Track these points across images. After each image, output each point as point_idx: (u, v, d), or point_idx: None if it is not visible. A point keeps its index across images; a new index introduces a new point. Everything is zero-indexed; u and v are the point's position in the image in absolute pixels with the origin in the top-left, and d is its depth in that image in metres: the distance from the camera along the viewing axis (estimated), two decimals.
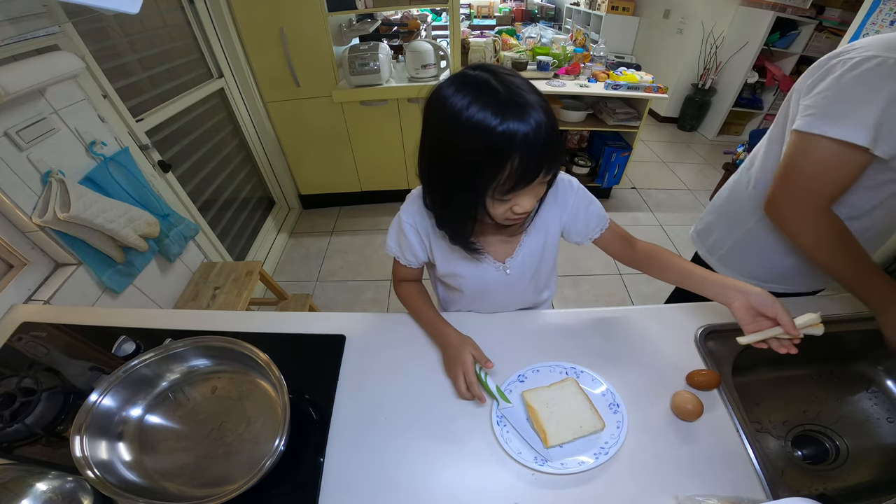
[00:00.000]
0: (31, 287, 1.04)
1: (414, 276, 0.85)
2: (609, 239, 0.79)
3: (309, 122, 2.30)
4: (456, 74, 0.55)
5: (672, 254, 0.77)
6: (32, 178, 1.00)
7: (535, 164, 0.52)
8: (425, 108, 0.57)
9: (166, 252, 1.36)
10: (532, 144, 0.50)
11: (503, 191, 0.54)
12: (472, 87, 0.51)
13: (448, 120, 0.52)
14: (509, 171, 0.51)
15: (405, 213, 0.74)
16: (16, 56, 0.98)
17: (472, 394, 0.69)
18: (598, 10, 4.42)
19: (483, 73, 0.53)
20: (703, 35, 3.47)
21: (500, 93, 0.50)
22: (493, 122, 0.49)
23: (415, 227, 0.73)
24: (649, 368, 0.77)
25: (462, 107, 0.50)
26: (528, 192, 0.57)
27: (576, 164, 2.68)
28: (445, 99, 0.52)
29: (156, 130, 1.55)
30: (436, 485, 0.62)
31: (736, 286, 0.65)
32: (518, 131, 0.49)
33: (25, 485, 0.63)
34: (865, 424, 0.84)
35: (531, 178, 0.53)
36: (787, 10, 3.01)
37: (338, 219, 2.72)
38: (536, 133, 0.49)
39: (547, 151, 0.52)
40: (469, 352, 0.71)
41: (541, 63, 2.40)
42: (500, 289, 0.80)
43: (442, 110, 0.53)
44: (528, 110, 0.50)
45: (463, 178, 0.55)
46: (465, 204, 0.59)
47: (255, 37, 1.98)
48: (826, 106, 0.65)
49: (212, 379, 0.74)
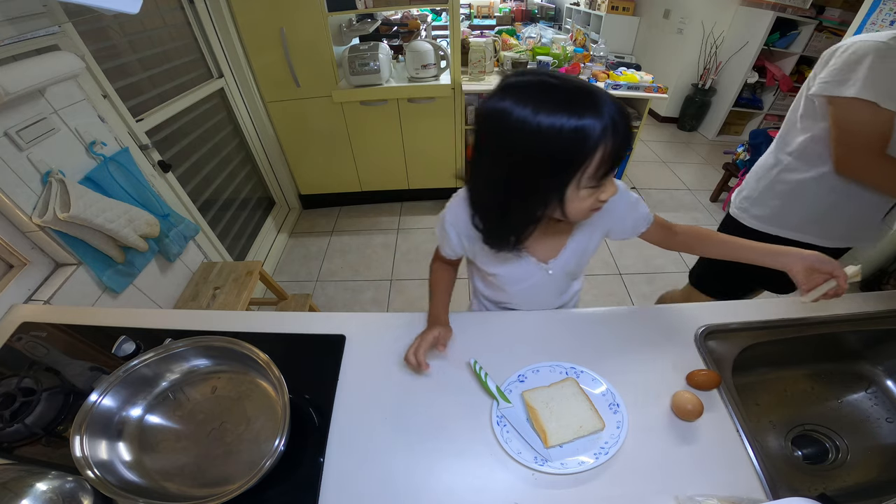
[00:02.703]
0: (31, 287, 1.04)
1: (450, 261, 0.88)
2: (652, 231, 0.81)
3: (309, 122, 2.30)
4: (504, 87, 0.54)
5: (715, 231, 0.81)
6: (32, 178, 1.00)
7: (624, 146, 0.53)
8: (484, 129, 0.57)
9: (166, 252, 1.36)
10: (617, 127, 0.51)
11: (598, 177, 0.55)
12: (533, 91, 0.51)
13: (522, 128, 0.51)
14: (601, 157, 0.52)
15: (449, 213, 0.76)
16: (16, 56, 0.98)
17: (416, 360, 0.72)
18: (598, 10, 4.42)
19: (531, 76, 0.53)
20: (703, 35, 3.47)
21: (564, 87, 0.51)
22: (576, 115, 0.50)
23: (456, 227, 0.75)
24: (649, 368, 0.77)
25: (534, 111, 0.50)
26: (612, 177, 0.58)
27: None
28: (508, 112, 0.52)
29: (156, 130, 1.55)
30: (436, 485, 0.62)
31: (791, 252, 0.71)
32: (604, 117, 0.50)
33: (25, 485, 0.63)
34: (865, 424, 0.84)
35: (620, 158, 0.55)
36: (787, 10, 3.01)
37: (338, 219, 2.72)
38: (618, 116, 0.51)
39: (629, 132, 0.54)
40: (435, 331, 0.76)
41: (541, 63, 2.40)
42: (539, 287, 0.83)
43: (509, 122, 0.52)
44: (598, 96, 0.51)
45: (546, 178, 0.55)
46: (536, 207, 0.59)
47: (255, 37, 1.98)
48: (833, 76, 0.86)
49: (212, 379, 0.74)
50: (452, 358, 0.79)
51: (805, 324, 0.85)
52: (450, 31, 2.06)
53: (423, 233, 2.55)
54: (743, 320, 0.85)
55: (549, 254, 0.77)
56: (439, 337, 0.76)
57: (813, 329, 0.85)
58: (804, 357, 0.89)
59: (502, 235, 0.66)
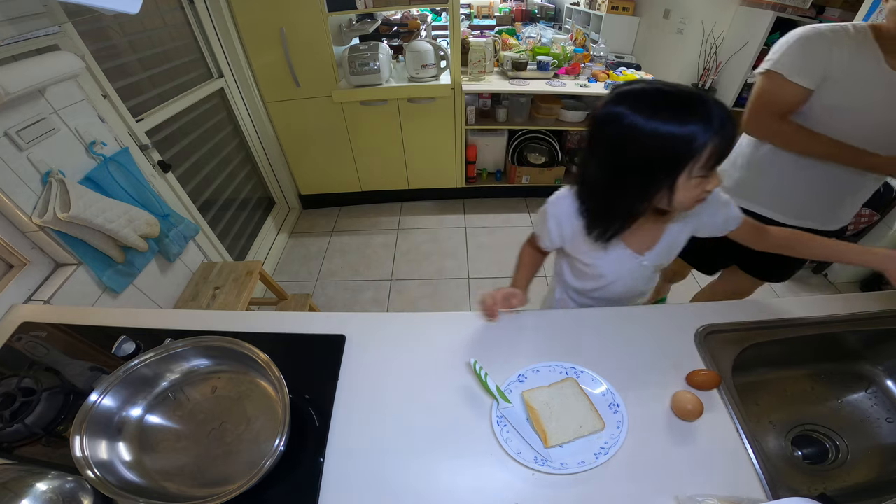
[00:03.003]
0: (31, 287, 1.04)
1: (542, 249, 0.94)
2: (742, 231, 0.84)
3: (309, 122, 2.30)
4: (620, 96, 0.62)
5: (812, 235, 0.84)
6: (32, 178, 1.00)
7: (732, 139, 0.60)
8: (601, 131, 0.66)
9: (166, 252, 1.36)
10: (724, 122, 0.58)
11: (708, 167, 0.61)
12: (650, 97, 0.60)
13: (642, 128, 0.59)
14: (711, 151, 0.59)
15: (552, 208, 0.81)
16: (16, 56, 0.98)
17: (491, 302, 0.83)
18: (598, 10, 4.42)
19: (644, 84, 0.62)
20: (703, 35, 3.47)
21: (676, 92, 0.59)
22: (692, 113, 0.58)
23: (558, 221, 0.81)
24: (649, 368, 0.76)
25: (653, 112, 0.59)
26: (717, 171, 0.64)
27: (576, 164, 2.68)
28: (623, 116, 0.60)
29: (156, 130, 1.55)
30: (436, 485, 0.62)
31: (882, 253, 0.76)
32: (713, 114, 0.57)
33: (25, 485, 0.63)
34: (865, 424, 0.84)
35: (728, 150, 0.61)
36: (787, 10, 3.01)
37: (338, 219, 2.72)
38: (724, 112, 0.58)
39: (736, 129, 0.60)
40: (506, 290, 0.86)
41: (541, 63, 2.40)
42: (632, 276, 0.87)
43: (627, 124, 0.60)
44: (707, 99, 0.59)
45: (660, 171, 0.62)
46: (645, 197, 0.66)
47: (255, 37, 1.98)
48: (769, 55, 0.98)
49: (212, 379, 0.74)
50: (452, 358, 0.79)
51: (805, 324, 0.85)
52: (450, 31, 2.06)
53: (423, 233, 2.55)
54: (743, 320, 0.85)
55: (644, 246, 0.81)
56: (514, 294, 0.84)
57: (813, 329, 0.85)
58: (804, 357, 0.89)
59: (608, 224, 0.73)
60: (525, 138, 2.57)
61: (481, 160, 2.72)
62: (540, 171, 2.63)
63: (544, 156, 2.63)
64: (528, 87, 2.29)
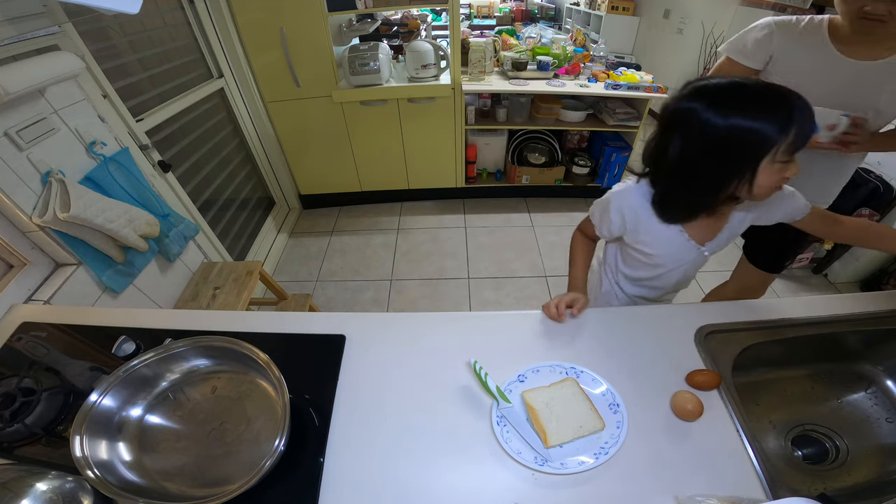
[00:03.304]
0: (31, 287, 1.04)
1: (591, 235, 0.98)
2: (809, 220, 0.85)
3: (309, 122, 2.30)
4: (697, 91, 0.65)
5: (883, 225, 0.87)
6: (32, 178, 1.00)
7: (812, 124, 0.62)
8: (677, 126, 0.68)
9: (166, 252, 1.36)
10: (803, 109, 0.61)
11: (790, 151, 0.63)
12: (725, 91, 0.63)
13: (724, 119, 0.62)
14: (795, 134, 0.61)
15: (617, 198, 0.84)
16: (16, 56, 0.98)
17: (557, 310, 0.84)
18: (598, 10, 4.42)
19: (718, 79, 0.65)
20: (703, 35, 3.47)
21: (752, 83, 0.63)
22: (773, 102, 0.61)
23: (621, 212, 0.84)
24: (649, 368, 0.76)
25: (735, 103, 0.62)
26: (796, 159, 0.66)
27: (576, 164, 2.68)
28: (697, 111, 0.64)
29: (156, 130, 1.55)
30: (436, 485, 0.62)
31: None
32: (792, 102, 0.60)
33: (25, 485, 0.63)
34: (865, 424, 0.84)
35: (807, 136, 0.62)
36: (786, 11, 3.01)
37: (338, 219, 2.72)
38: (800, 101, 0.61)
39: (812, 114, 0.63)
40: (575, 293, 0.87)
41: (541, 63, 2.40)
42: (689, 267, 0.91)
43: (708, 115, 0.63)
44: (781, 88, 0.62)
45: (741, 160, 0.64)
46: (722, 186, 0.68)
47: (255, 37, 1.98)
48: None
49: (212, 379, 0.74)
50: (452, 358, 0.79)
51: (805, 324, 0.85)
52: (450, 31, 2.06)
53: (424, 233, 2.55)
54: (743, 320, 0.85)
55: (705, 236, 0.84)
56: (577, 301, 0.85)
57: (813, 329, 0.85)
58: (804, 357, 0.89)
59: (682, 212, 0.77)
60: (525, 138, 2.57)
61: (481, 160, 2.72)
62: (540, 171, 2.63)
63: (544, 156, 2.63)
64: (528, 87, 2.29)
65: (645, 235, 0.85)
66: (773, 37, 1.07)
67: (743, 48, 1.12)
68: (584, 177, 2.72)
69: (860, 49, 0.99)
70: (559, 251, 2.39)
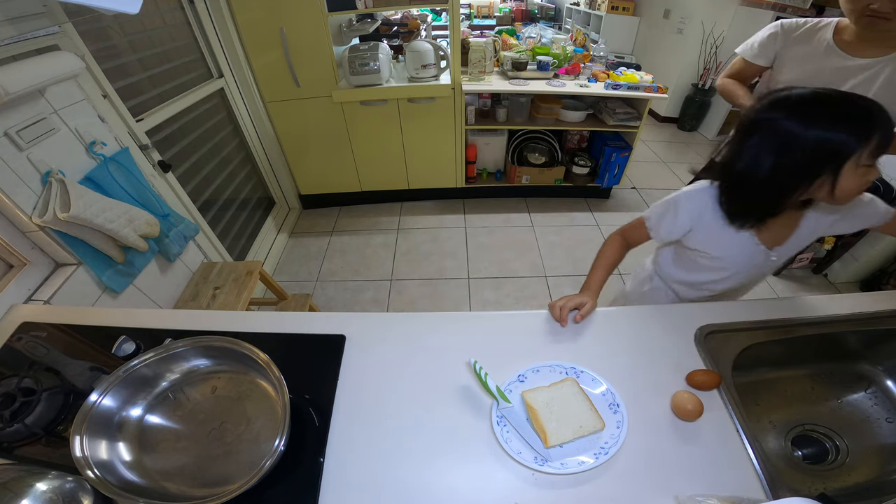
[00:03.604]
0: (31, 287, 1.04)
1: (634, 241, 0.97)
2: (892, 226, 0.84)
3: (309, 122, 2.30)
4: (778, 101, 0.68)
5: None
6: (32, 178, 1.00)
7: (891, 129, 0.63)
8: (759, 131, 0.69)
9: (166, 252, 1.36)
10: (882, 115, 0.62)
11: (874, 156, 0.64)
12: (809, 99, 0.65)
13: (805, 125, 0.64)
14: (878, 139, 0.62)
15: (688, 200, 0.84)
16: (16, 56, 0.98)
17: (560, 314, 0.84)
18: (598, 10, 4.42)
19: (800, 90, 0.67)
20: (703, 35, 3.47)
21: (831, 93, 0.64)
22: (857, 106, 0.62)
23: (690, 213, 0.84)
24: (649, 368, 0.77)
25: (821, 109, 0.64)
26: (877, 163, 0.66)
27: (576, 164, 2.68)
28: (778, 119, 0.66)
29: (156, 130, 1.55)
30: (436, 485, 0.62)
31: None
32: (872, 108, 0.62)
33: (25, 485, 0.63)
34: (865, 424, 0.84)
35: (891, 140, 0.63)
36: (787, 11, 3.01)
37: (338, 219, 2.72)
38: (878, 106, 0.63)
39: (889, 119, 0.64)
40: (584, 298, 0.87)
41: (541, 63, 2.40)
42: (754, 272, 0.90)
43: (789, 123, 0.65)
44: (865, 98, 0.63)
45: (826, 161, 0.65)
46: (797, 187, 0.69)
47: (255, 37, 1.98)
48: None
49: (212, 379, 0.74)
50: (452, 358, 0.79)
51: (805, 324, 0.85)
52: (450, 31, 2.06)
53: (424, 233, 2.55)
54: (743, 320, 0.85)
55: (775, 241, 0.84)
56: (584, 306, 0.85)
57: (813, 329, 0.85)
58: (804, 357, 0.89)
59: (754, 214, 0.76)
60: (525, 138, 2.57)
61: (481, 160, 2.72)
62: (540, 171, 2.63)
63: (544, 156, 2.63)
64: (528, 87, 2.29)
65: (711, 238, 0.85)
66: (777, 38, 1.20)
67: (751, 48, 1.27)
68: (584, 177, 2.72)
69: (864, 48, 1.03)
70: (559, 251, 2.39)
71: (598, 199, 2.85)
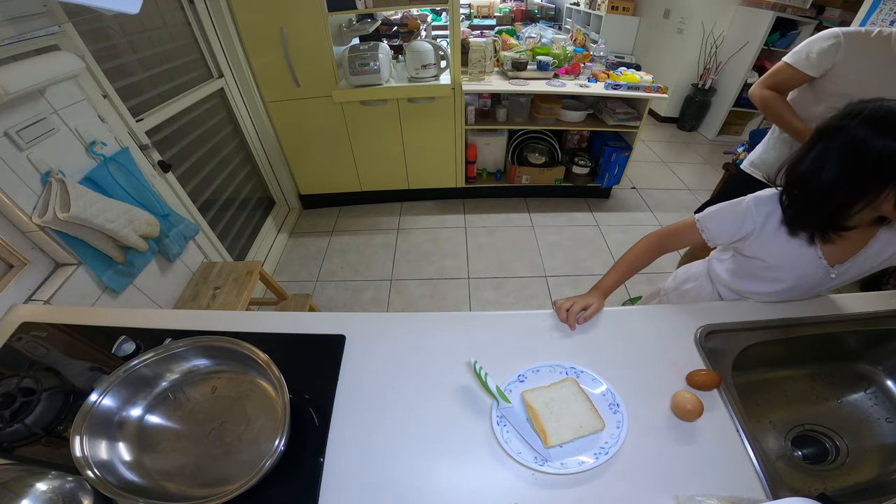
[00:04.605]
0: (31, 287, 1.04)
1: (676, 243, 0.94)
2: None
3: (309, 122, 2.30)
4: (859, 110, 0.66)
5: None
6: (32, 178, 1.00)
7: None
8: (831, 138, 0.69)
9: (166, 252, 1.36)
10: None
11: None
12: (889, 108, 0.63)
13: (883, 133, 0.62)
14: None
15: (757, 204, 0.82)
16: (16, 56, 0.98)
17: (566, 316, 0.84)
18: (598, 10, 4.42)
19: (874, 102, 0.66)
20: (703, 35, 3.47)
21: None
22: None
23: (754, 219, 0.81)
24: (649, 368, 0.77)
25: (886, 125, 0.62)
26: None
27: (576, 164, 2.68)
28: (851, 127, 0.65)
29: (156, 130, 1.55)
30: (436, 484, 0.62)
31: None
32: None
33: (25, 485, 0.63)
34: (865, 424, 0.84)
35: None
36: (787, 10, 3.01)
37: (338, 219, 2.72)
38: None
39: None
40: (591, 300, 0.87)
41: (541, 63, 2.40)
42: (810, 287, 0.86)
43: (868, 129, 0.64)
44: None
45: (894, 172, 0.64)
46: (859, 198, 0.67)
47: (255, 37, 1.98)
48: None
49: (212, 379, 0.74)
50: (452, 358, 0.79)
51: (805, 324, 0.85)
52: (450, 31, 2.06)
53: (424, 233, 2.55)
54: (743, 320, 0.85)
55: (839, 258, 0.80)
56: (590, 308, 0.85)
57: (813, 329, 0.85)
58: (804, 357, 0.89)
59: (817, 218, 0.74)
60: (525, 138, 2.58)
61: (481, 160, 2.72)
62: (540, 171, 2.63)
63: (544, 156, 2.64)
64: (528, 87, 2.29)
65: (771, 246, 0.82)
66: (839, 48, 1.15)
67: (806, 58, 1.21)
68: (583, 177, 2.72)
69: None
70: (559, 251, 2.39)
71: (598, 199, 2.86)
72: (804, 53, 1.21)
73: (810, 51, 1.20)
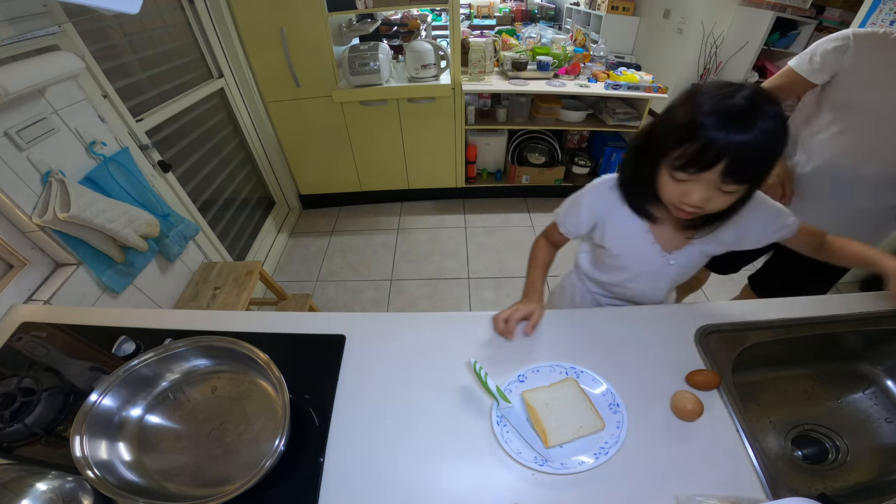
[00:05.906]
0: (31, 287, 1.04)
1: (557, 241, 0.96)
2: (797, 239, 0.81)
3: (309, 122, 2.30)
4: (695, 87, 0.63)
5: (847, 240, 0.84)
6: (32, 178, 1.00)
7: (711, 157, 0.55)
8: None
9: (166, 252, 1.36)
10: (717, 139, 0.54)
11: (674, 166, 0.60)
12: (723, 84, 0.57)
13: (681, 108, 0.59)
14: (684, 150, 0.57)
15: (588, 193, 0.84)
16: (16, 56, 0.98)
17: (506, 327, 0.80)
18: (598, 10, 4.41)
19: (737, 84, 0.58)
20: (703, 35, 3.47)
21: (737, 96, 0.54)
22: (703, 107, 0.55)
23: (591, 207, 0.84)
24: (649, 368, 0.76)
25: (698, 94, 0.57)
26: (697, 185, 0.60)
27: (576, 164, 2.68)
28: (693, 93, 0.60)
29: (156, 130, 1.55)
30: (436, 485, 0.62)
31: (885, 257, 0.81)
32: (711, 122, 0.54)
33: (25, 485, 0.63)
34: (865, 424, 0.84)
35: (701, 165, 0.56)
36: (787, 10, 3.01)
37: (338, 219, 2.72)
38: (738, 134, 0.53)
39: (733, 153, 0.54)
40: (531, 306, 0.82)
41: (541, 63, 2.40)
42: (654, 276, 0.88)
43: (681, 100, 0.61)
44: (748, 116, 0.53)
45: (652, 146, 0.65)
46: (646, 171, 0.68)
47: (255, 37, 1.98)
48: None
49: (212, 379, 0.74)
50: (452, 358, 0.79)
51: (805, 324, 0.85)
52: (450, 31, 2.06)
53: (423, 233, 2.55)
54: (743, 320, 0.85)
55: (673, 245, 0.82)
56: (532, 315, 0.82)
57: (813, 329, 0.85)
58: (804, 357, 0.89)
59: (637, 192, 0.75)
60: (525, 138, 2.58)
61: (481, 160, 2.72)
62: (540, 171, 2.63)
63: (544, 156, 2.64)
64: (528, 87, 2.29)
65: (613, 234, 0.84)
66: (846, 51, 1.00)
67: (809, 61, 1.07)
68: (584, 177, 2.72)
69: None
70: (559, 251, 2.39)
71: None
72: (808, 56, 1.07)
73: (814, 53, 1.06)
